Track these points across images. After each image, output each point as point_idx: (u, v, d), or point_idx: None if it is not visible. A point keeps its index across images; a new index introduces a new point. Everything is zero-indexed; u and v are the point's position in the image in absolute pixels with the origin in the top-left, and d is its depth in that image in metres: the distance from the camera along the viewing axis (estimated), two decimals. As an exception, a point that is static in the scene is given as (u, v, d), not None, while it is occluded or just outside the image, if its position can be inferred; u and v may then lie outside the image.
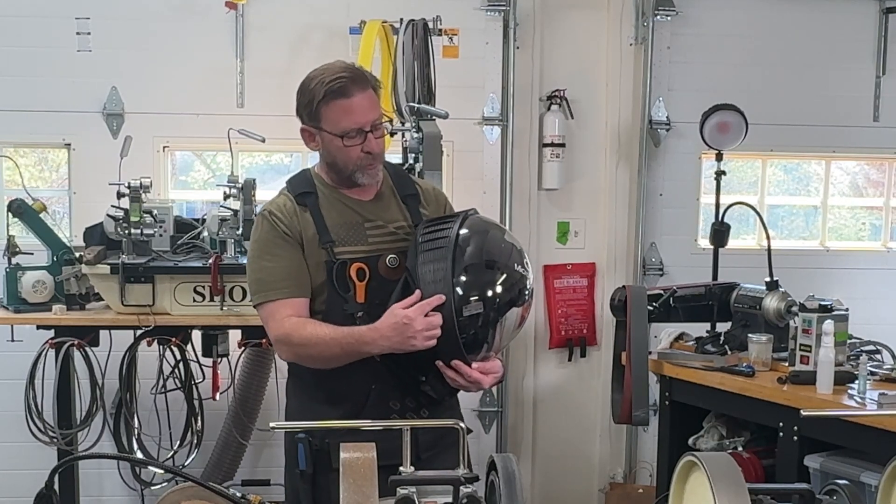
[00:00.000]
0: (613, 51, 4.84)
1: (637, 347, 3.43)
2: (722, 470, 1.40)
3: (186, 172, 5.08)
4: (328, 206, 2.47)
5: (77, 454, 3.63)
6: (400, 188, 2.54)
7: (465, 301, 2.25)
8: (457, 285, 2.25)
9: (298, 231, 2.43)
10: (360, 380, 2.39)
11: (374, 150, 2.41)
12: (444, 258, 2.28)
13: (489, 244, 2.34)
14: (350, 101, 2.41)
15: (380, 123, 2.44)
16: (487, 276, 2.29)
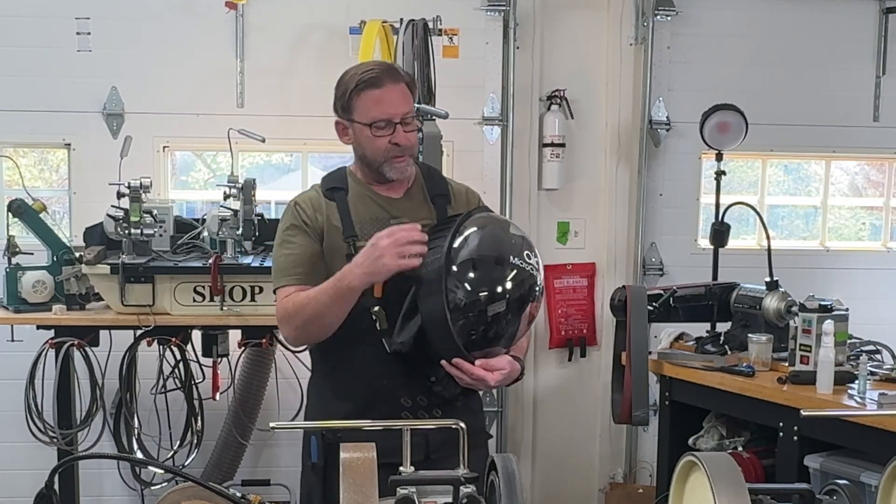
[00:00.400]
0: (613, 51, 4.84)
1: (637, 347, 3.43)
2: (722, 470, 1.40)
3: (186, 172, 5.09)
4: (356, 201, 2.50)
5: (77, 454, 3.63)
6: (431, 187, 2.54)
7: (455, 293, 2.23)
8: (448, 277, 2.25)
9: (320, 223, 2.46)
10: (369, 375, 2.40)
11: (401, 142, 2.43)
12: (439, 251, 2.28)
13: (486, 238, 2.32)
14: (381, 91, 2.43)
15: (410, 118, 2.46)
16: (481, 270, 2.27)
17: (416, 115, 2.49)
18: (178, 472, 1.85)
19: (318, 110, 4.51)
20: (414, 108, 2.49)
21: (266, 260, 3.74)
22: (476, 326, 2.26)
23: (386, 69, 2.49)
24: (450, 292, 2.24)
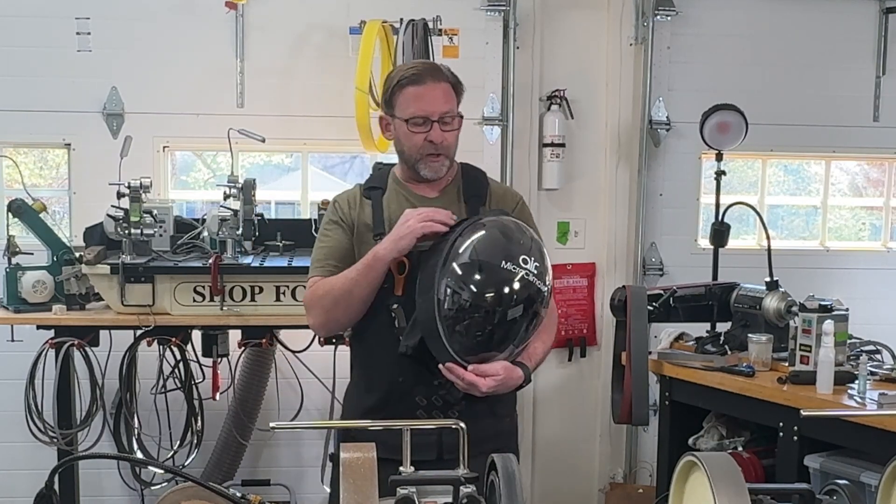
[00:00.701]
0: (613, 51, 4.84)
1: (637, 347, 3.43)
2: (722, 470, 1.40)
3: (186, 172, 5.09)
4: (391, 199, 2.53)
5: (77, 454, 3.63)
6: (467, 188, 2.55)
7: (445, 294, 2.24)
8: (441, 279, 2.26)
9: (353, 219, 2.52)
10: (388, 372, 2.43)
11: (435, 140, 2.45)
12: (440, 253, 2.29)
13: (483, 242, 2.30)
14: (421, 88, 2.46)
15: (450, 118, 2.47)
16: (470, 273, 2.26)
17: (459, 117, 2.50)
18: (178, 472, 1.86)
19: (318, 110, 4.55)
20: (456, 108, 2.50)
21: (266, 260, 3.74)
22: (466, 330, 2.26)
23: (430, 68, 2.54)
24: (441, 294, 2.25)
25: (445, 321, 2.25)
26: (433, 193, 2.54)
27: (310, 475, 4.44)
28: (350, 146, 4.55)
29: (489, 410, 2.46)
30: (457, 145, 2.53)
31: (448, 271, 2.27)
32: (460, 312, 2.25)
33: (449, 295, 2.25)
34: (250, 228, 3.75)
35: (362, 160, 4.91)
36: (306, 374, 4.15)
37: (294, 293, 3.63)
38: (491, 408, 2.47)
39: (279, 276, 3.63)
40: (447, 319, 2.25)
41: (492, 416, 2.47)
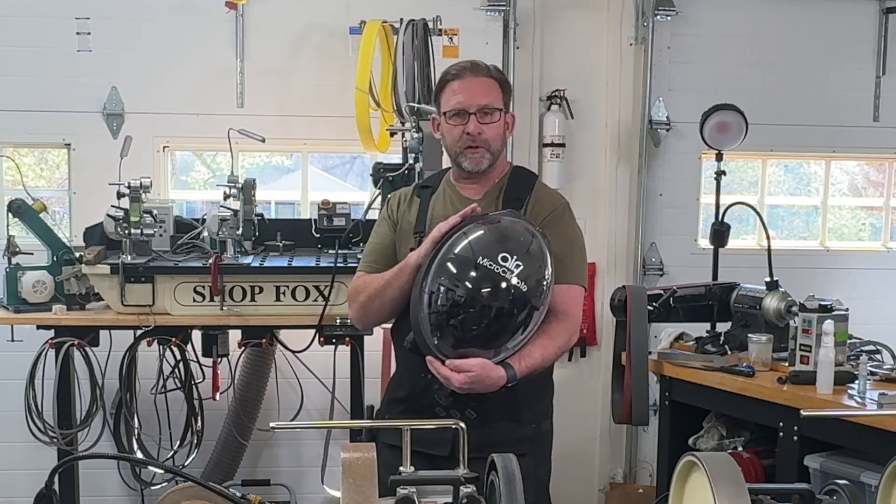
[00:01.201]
0: (613, 51, 4.84)
1: (637, 347, 3.43)
2: (722, 470, 1.40)
3: (186, 172, 5.09)
4: (439, 199, 2.60)
5: (77, 454, 3.63)
6: (510, 191, 2.57)
7: (430, 290, 2.28)
8: (427, 274, 2.31)
9: (399, 217, 2.61)
10: (416, 367, 2.46)
11: (472, 132, 2.49)
12: (433, 251, 2.35)
13: (469, 240, 2.31)
14: (460, 82, 2.54)
15: (491, 110, 2.51)
16: (447, 268, 2.29)
17: (502, 111, 2.53)
18: (178, 472, 1.86)
19: (318, 110, 4.55)
20: (499, 103, 2.53)
21: (266, 260, 3.74)
22: (442, 323, 2.28)
23: (471, 64, 2.59)
24: (426, 288, 2.29)
25: (427, 315, 2.29)
26: (477, 195, 2.56)
27: (310, 475, 4.44)
28: (350, 146, 4.54)
29: (508, 415, 2.47)
30: (502, 141, 2.56)
31: (434, 266, 2.31)
32: (438, 305, 2.28)
33: (432, 289, 2.29)
34: (250, 228, 3.75)
35: (363, 160, 4.92)
36: (306, 374, 4.15)
37: (294, 293, 3.63)
38: (511, 412, 2.48)
39: (279, 276, 3.63)
40: (428, 313, 2.29)
41: (511, 421, 2.48)
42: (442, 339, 2.30)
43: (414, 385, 2.50)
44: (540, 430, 2.60)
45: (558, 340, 2.47)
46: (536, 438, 2.59)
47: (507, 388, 2.40)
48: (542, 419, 2.62)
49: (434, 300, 2.28)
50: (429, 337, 2.30)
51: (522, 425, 2.53)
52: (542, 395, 2.63)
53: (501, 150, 2.58)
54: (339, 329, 3.60)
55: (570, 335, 2.51)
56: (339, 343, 3.66)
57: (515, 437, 2.45)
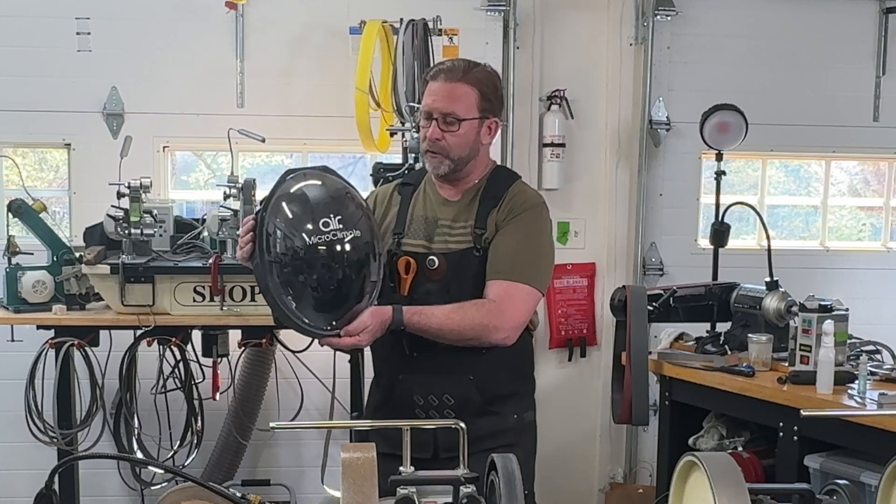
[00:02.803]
0: (613, 51, 4.84)
1: (637, 347, 3.43)
2: (722, 470, 1.40)
3: (186, 172, 5.08)
4: (419, 199, 2.59)
5: (77, 454, 3.63)
6: (487, 191, 2.55)
7: (278, 283, 2.29)
8: (266, 274, 2.30)
9: (378, 216, 2.59)
10: (391, 369, 2.51)
11: (429, 138, 2.48)
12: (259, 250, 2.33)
13: (283, 228, 2.31)
14: (434, 84, 2.51)
15: (454, 119, 2.47)
16: (287, 255, 2.28)
17: (467, 120, 2.48)
18: (178, 472, 1.86)
19: (318, 110, 4.55)
20: (465, 112, 2.48)
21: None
22: (301, 299, 2.28)
23: (449, 66, 2.56)
24: (274, 283, 2.29)
25: (287, 306, 2.29)
26: (455, 196, 2.56)
27: (310, 475, 4.43)
28: (350, 146, 4.55)
29: (485, 409, 2.49)
30: (468, 149, 2.51)
31: (266, 263, 2.29)
32: (285, 273, 2.27)
33: (279, 278, 2.28)
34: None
35: (364, 162, 4.91)
36: (306, 374, 4.15)
37: (294, 293, 3.62)
38: (490, 406, 2.50)
39: (279, 276, 3.62)
40: (286, 304, 2.29)
41: (490, 414, 2.50)
42: (310, 315, 2.29)
43: (391, 388, 2.53)
44: (523, 421, 2.61)
45: (467, 317, 2.42)
46: (520, 429, 2.60)
47: (479, 384, 2.44)
48: (525, 410, 2.63)
49: (288, 286, 2.27)
50: (300, 321, 2.30)
51: (503, 417, 2.54)
52: (520, 387, 2.65)
53: (468, 156, 2.53)
54: (338, 329, 3.59)
55: (488, 322, 2.44)
56: (338, 343, 3.65)
57: (498, 430, 2.47)
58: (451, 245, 2.50)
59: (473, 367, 2.48)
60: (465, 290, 2.48)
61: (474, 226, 2.49)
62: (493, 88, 2.56)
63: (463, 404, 2.45)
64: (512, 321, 2.46)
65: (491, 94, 2.54)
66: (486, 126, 2.54)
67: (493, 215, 2.51)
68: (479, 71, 2.56)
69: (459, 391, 2.48)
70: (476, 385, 2.49)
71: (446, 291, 2.48)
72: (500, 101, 2.61)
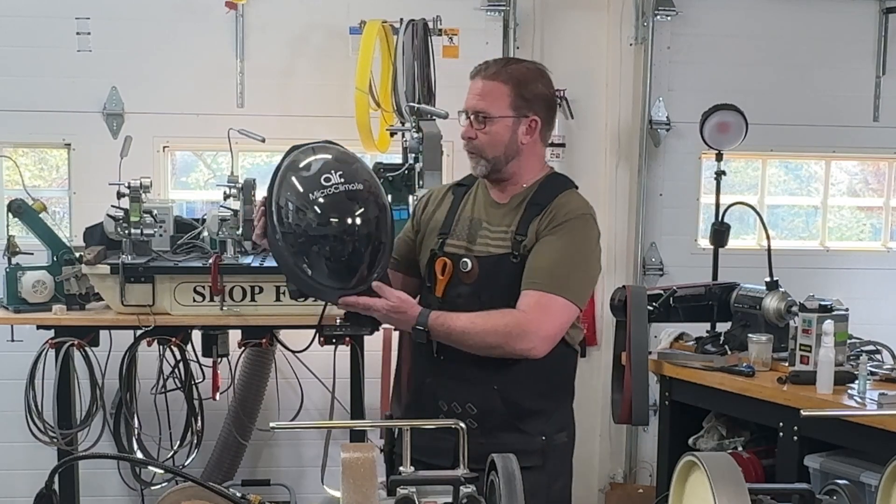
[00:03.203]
0: (613, 51, 4.84)
1: (637, 347, 3.42)
2: (722, 470, 1.40)
3: (186, 172, 5.08)
4: (470, 199, 2.53)
5: (77, 454, 3.63)
6: (535, 197, 2.46)
7: (295, 256, 2.30)
8: (281, 251, 2.32)
9: (427, 215, 2.57)
10: (418, 372, 2.48)
11: (462, 136, 2.45)
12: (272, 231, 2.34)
13: (289, 197, 2.32)
14: (472, 82, 2.47)
15: (484, 118, 2.41)
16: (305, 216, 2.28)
17: (500, 117, 2.41)
18: (178, 472, 1.86)
19: (318, 110, 4.55)
20: (497, 110, 2.41)
21: (266, 260, 3.74)
22: (327, 261, 2.28)
23: (486, 64, 2.49)
24: (290, 258, 2.29)
25: (304, 273, 2.29)
26: (504, 199, 2.49)
27: (310, 475, 4.43)
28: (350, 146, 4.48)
29: (512, 425, 2.41)
30: (502, 148, 2.43)
31: (279, 240, 2.29)
32: (298, 242, 2.27)
33: (293, 248, 2.28)
34: (250, 228, 3.72)
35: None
36: (306, 374, 4.15)
37: (294, 293, 3.62)
38: (516, 422, 2.42)
39: (279, 276, 3.60)
40: (303, 272, 2.29)
41: (516, 431, 2.42)
42: (334, 275, 2.30)
43: (419, 390, 2.50)
44: (551, 444, 2.50)
45: (490, 322, 2.34)
46: (548, 452, 2.49)
47: (505, 395, 2.39)
48: (555, 432, 2.51)
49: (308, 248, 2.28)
50: (320, 281, 2.30)
51: (529, 437, 2.44)
52: (553, 405, 2.54)
53: (504, 156, 2.43)
54: (339, 329, 3.58)
55: (512, 329, 2.34)
56: (339, 343, 3.65)
57: (522, 449, 2.29)
58: (490, 248, 2.43)
59: (499, 378, 2.40)
60: (497, 297, 2.39)
61: (515, 231, 2.41)
62: (530, 85, 2.43)
63: (486, 415, 2.39)
64: (540, 332, 2.35)
65: (528, 91, 2.42)
66: (524, 125, 2.43)
67: (536, 223, 2.41)
68: (516, 67, 2.46)
69: (483, 401, 2.40)
70: (501, 396, 2.41)
71: (478, 297, 2.41)
72: (541, 99, 2.45)
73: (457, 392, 2.42)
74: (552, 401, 2.53)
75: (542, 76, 2.48)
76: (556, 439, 2.52)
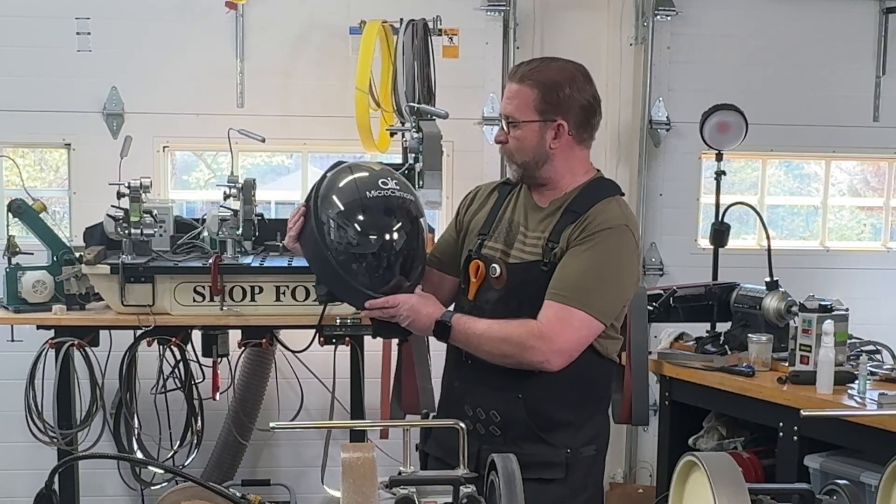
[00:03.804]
0: (613, 51, 4.84)
1: (637, 347, 3.42)
2: (722, 470, 1.40)
3: (186, 172, 5.09)
4: (513, 200, 2.49)
5: (77, 454, 3.63)
6: (573, 204, 2.38)
7: (338, 250, 2.29)
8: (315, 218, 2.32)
9: (470, 214, 2.54)
10: (451, 374, 2.47)
11: (495, 139, 2.45)
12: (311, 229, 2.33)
13: (332, 181, 2.34)
14: (507, 87, 2.44)
15: (511, 123, 2.37)
16: (355, 218, 2.28)
17: (539, 122, 2.36)
18: (178, 472, 1.86)
19: (318, 110, 4.55)
20: (524, 113, 2.36)
21: (266, 260, 3.74)
22: (375, 267, 2.29)
23: (517, 66, 2.45)
24: (333, 249, 2.29)
25: (353, 268, 2.29)
26: (544, 203, 2.43)
27: (310, 475, 4.43)
28: (350, 146, 4.54)
29: (536, 436, 2.35)
30: (532, 153, 2.37)
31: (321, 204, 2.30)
32: (365, 255, 2.28)
33: (339, 245, 2.29)
34: (250, 228, 3.74)
35: (362, 160, 4.92)
36: (306, 374, 4.15)
37: (294, 293, 3.62)
38: (539, 433, 2.36)
39: (279, 276, 3.62)
40: (354, 265, 2.29)
41: (540, 443, 2.35)
42: (371, 281, 2.31)
43: (449, 393, 2.49)
44: (577, 457, 2.38)
45: (505, 330, 2.29)
46: (572, 465, 2.38)
47: (529, 405, 2.35)
48: (582, 445, 2.40)
49: (361, 254, 2.29)
50: (357, 285, 2.30)
51: (553, 448, 2.36)
52: (583, 418, 2.43)
53: (534, 161, 2.37)
54: (339, 329, 3.59)
55: (525, 340, 2.28)
56: (339, 343, 3.66)
57: (545, 461, 2.31)
58: (523, 255, 2.38)
59: (525, 386, 2.34)
60: (526, 304, 2.33)
61: (548, 238, 2.35)
62: (557, 88, 2.34)
63: (510, 423, 2.35)
64: (554, 345, 2.27)
65: (553, 94, 2.34)
66: (551, 130, 2.35)
67: (569, 230, 2.33)
68: (544, 69, 2.37)
69: (506, 409, 2.35)
70: (526, 405, 2.34)
71: (506, 303, 2.36)
72: (569, 101, 2.35)
73: (482, 398, 2.39)
74: (581, 411, 2.42)
75: (574, 79, 2.38)
76: (582, 452, 2.40)
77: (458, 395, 2.44)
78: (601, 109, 2.43)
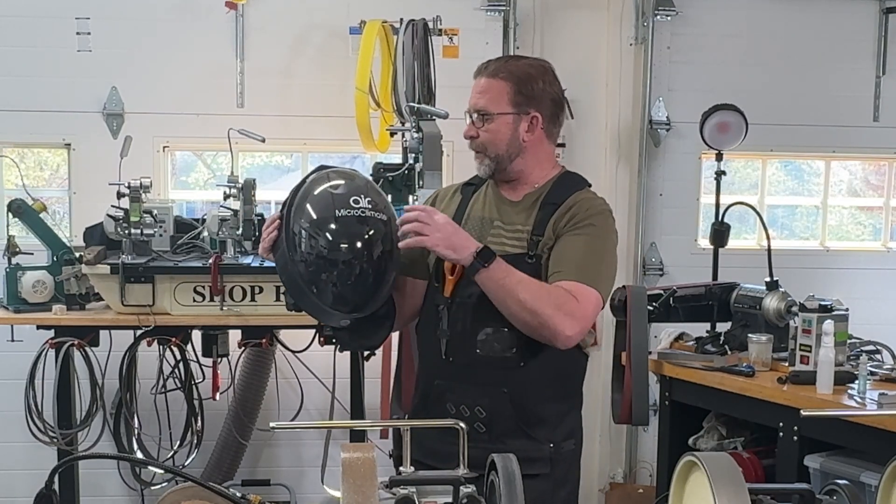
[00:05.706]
0: (613, 51, 4.84)
1: (637, 347, 3.42)
2: (722, 470, 1.40)
3: (186, 172, 5.09)
4: (479, 198, 2.49)
5: (77, 454, 3.63)
6: (549, 197, 2.42)
7: (307, 268, 2.30)
8: (291, 258, 2.33)
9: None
10: (429, 372, 2.45)
11: (465, 135, 2.43)
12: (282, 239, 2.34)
13: (314, 206, 2.30)
14: (474, 82, 2.44)
15: (483, 116, 2.38)
16: (322, 234, 2.27)
17: (514, 114, 2.38)
18: (178, 472, 1.85)
19: (318, 110, 4.55)
20: (496, 107, 2.38)
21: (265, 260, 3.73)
22: (339, 285, 2.27)
23: (486, 63, 2.46)
24: (301, 270, 2.29)
25: (307, 280, 2.29)
26: (516, 197, 2.45)
27: (310, 475, 4.44)
28: (350, 146, 4.55)
29: (521, 431, 2.36)
30: (505, 146, 2.39)
31: (292, 259, 2.30)
32: (325, 269, 2.26)
33: (306, 274, 2.28)
34: (250, 228, 3.74)
35: (362, 161, 4.91)
36: (306, 374, 4.15)
37: (294, 293, 3.62)
38: (524, 429, 2.36)
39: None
40: (312, 277, 2.28)
41: (525, 438, 2.35)
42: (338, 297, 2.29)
43: (427, 392, 2.46)
44: (559, 452, 2.41)
45: (545, 290, 2.28)
46: (555, 460, 2.41)
47: (514, 399, 2.35)
48: (563, 439, 2.43)
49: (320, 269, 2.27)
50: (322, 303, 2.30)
51: (537, 444, 2.38)
52: (563, 412, 2.45)
53: (507, 154, 2.40)
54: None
55: (564, 303, 2.27)
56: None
57: (529, 457, 2.28)
58: (506, 247, 2.38)
59: (509, 381, 2.35)
60: None
61: (531, 231, 2.38)
62: (531, 81, 2.39)
63: (495, 419, 2.35)
64: (582, 319, 2.31)
65: (528, 87, 2.38)
66: (524, 122, 2.39)
67: (552, 222, 2.37)
68: (518, 64, 2.43)
69: (492, 404, 2.35)
70: (511, 400, 2.36)
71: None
72: (543, 95, 2.41)
73: (466, 394, 2.38)
74: (562, 406, 2.45)
75: (545, 73, 2.45)
76: (563, 447, 2.43)
77: (439, 392, 2.41)
78: (568, 108, 2.50)
